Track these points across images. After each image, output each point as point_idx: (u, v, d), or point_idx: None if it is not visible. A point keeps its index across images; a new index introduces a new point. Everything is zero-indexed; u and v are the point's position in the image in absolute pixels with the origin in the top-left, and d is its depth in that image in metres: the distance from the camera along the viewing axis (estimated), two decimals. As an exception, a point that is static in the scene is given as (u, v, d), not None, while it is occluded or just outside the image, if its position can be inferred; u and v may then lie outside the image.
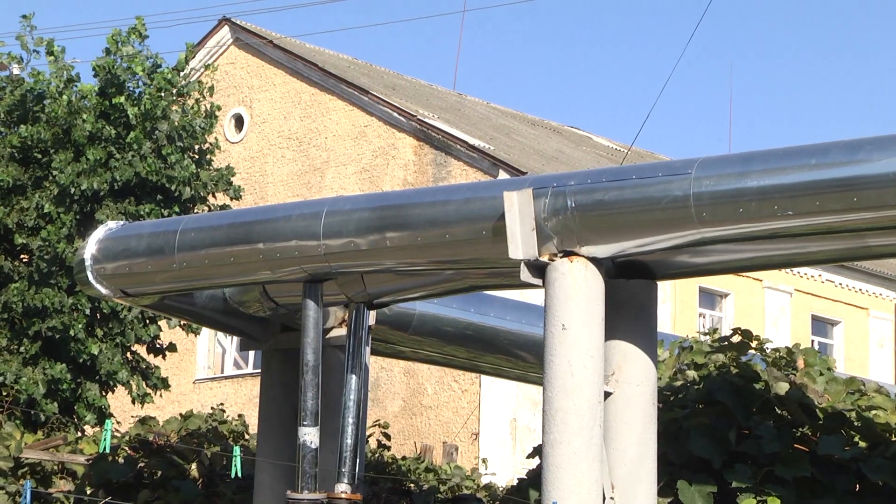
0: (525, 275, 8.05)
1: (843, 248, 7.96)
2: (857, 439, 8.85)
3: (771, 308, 33.94)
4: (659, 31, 76.97)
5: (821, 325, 35.06)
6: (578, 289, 7.89)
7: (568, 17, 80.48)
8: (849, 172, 7.36)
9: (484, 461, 22.06)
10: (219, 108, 18.30)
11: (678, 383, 9.53)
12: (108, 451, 11.05)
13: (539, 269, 8.03)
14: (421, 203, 8.72)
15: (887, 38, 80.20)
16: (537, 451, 8.34)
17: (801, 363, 9.72)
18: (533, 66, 79.00)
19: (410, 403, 29.01)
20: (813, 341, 34.51)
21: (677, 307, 31.90)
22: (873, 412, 9.02)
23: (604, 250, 7.99)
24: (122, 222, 10.21)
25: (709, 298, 33.12)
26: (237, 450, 9.62)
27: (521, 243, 7.99)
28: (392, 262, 8.80)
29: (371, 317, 9.39)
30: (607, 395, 8.00)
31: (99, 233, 9.68)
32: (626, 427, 8.03)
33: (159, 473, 12.03)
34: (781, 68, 79.10)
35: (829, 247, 7.93)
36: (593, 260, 7.97)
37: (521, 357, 10.97)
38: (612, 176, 8.13)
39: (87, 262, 9.56)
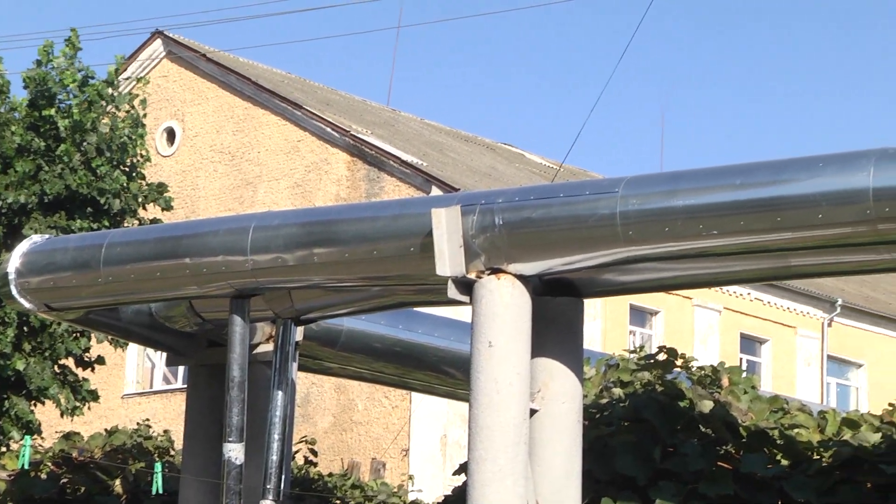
0: (452, 292, 8.06)
1: (766, 268, 8.03)
2: (779, 457, 8.92)
3: (700, 326, 34.17)
4: (593, 48, 77.44)
5: (749, 343, 35.33)
6: (505, 306, 7.91)
7: (503, 35, 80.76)
8: (773, 193, 7.43)
9: (411, 478, 22.04)
10: (144, 117, 18.19)
11: (604, 401, 9.57)
12: (27, 466, 10.95)
13: (466, 286, 8.04)
14: (350, 219, 8.72)
15: (815, 58, 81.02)
16: (463, 468, 8.33)
17: (725, 381, 9.79)
18: (467, 83, 79.18)
19: (341, 419, 28.95)
20: (741, 359, 34.77)
21: (608, 324, 32.04)
22: (796, 430, 9.09)
23: (531, 268, 8.02)
24: (47, 236, 10.13)
25: (639, 316, 33.31)
26: (159, 466, 9.56)
27: (448, 260, 8.00)
28: (320, 278, 8.79)
29: (298, 332, 9.37)
30: (533, 412, 8.02)
31: (23, 246, 9.61)
32: (551, 444, 8.05)
33: (83, 489, 11.93)
34: (713, 87, 79.74)
35: (753, 266, 7.99)
36: (520, 277, 7.99)
37: (450, 374, 10.99)
38: (540, 194, 8.16)
39: (11, 276, 9.48)
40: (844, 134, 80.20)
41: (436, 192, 28.32)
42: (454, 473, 9.68)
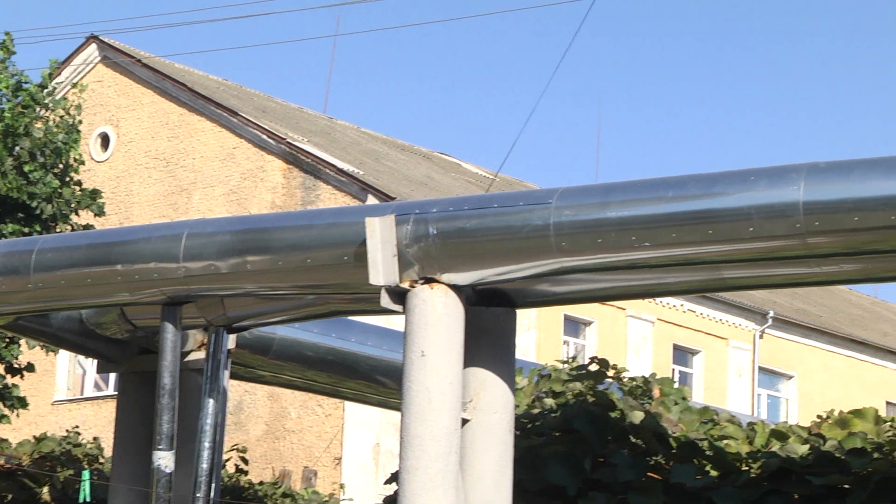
0: (385, 301, 8.06)
1: (699, 280, 8.07)
2: (708, 468, 8.97)
3: (633, 336, 34.33)
4: (529, 59, 77.67)
5: (682, 354, 35.54)
6: (438, 316, 7.92)
7: (440, 44, 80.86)
8: (705, 205, 7.47)
9: (342, 486, 21.99)
10: (80, 123, 18.06)
11: (536, 411, 9.60)
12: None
13: (400, 296, 8.04)
14: (283, 227, 8.70)
15: (747, 71, 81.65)
16: (395, 477, 8.33)
17: (656, 392, 9.84)
18: (404, 93, 79.20)
19: (274, 427, 28.84)
20: (674, 370, 34.96)
21: (542, 334, 32.12)
22: (725, 442, 9.15)
23: (464, 278, 8.03)
24: (-25, 241, 10.04)
25: (573, 326, 33.41)
26: (87, 473, 9.50)
27: (381, 269, 8.00)
28: (253, 286, 8.76)
29: (231, 340, 9.34)
30: (465, 422, 8.02)
31: (-49, 251, 9.50)
32: (482, 454, 8.06)
33: (10, 497, 11.82)
34: (649, 99, 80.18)
35: (685, 278, 8.03)
36: (454, 287, 8.00)
37: (382, 383, 10.98)
38: (474, 204, 8.17)
39: (-61, 282, 9.37)
40: (776, 147, 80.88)
41: (372, 200, 28.31)
42: (385, 482, 9.68)
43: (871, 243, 7.22)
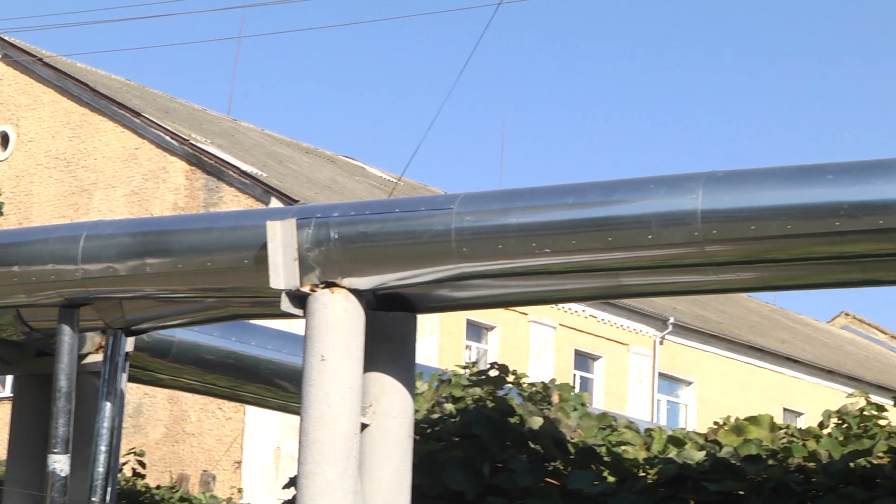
0: (286, 305, 8.03)
1: (598, 287, 8.12)
2: (606, 474, 9.03)
3: (535, 342, 34.49)
4: (435, 63, 77.79)
5: (583, 360, 35.77)
6: (338, 320, 7.90)
7: (345, 47, 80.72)
8: (604, 213, 7.51)
9: (240, 491, 21.88)
10: None
11: (435, 416, 9.60)
12: None
13: (300, 300, 8.01)
14: (183, 230, 8.63)
15: (655, 76, 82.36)
16: (293, 482, 8.30)
17: (556, 398, 9.88)
18: (309, 95, 78.97)
19: (173, 430, 28.63)
20: (575, 375, 35.18)
21: (444, 339, 32.18)
22: (623, 448, 9.21)
23: (365, 282, 8.01)
24: None
25: (475, 331, 33.50)
26: (-21, 477, 9.35)
27: (282, 273, 7.97)
28: (152, 289, 8.69)
29: (129, 343, 9.25)
30: (364, 426, 8.01)
31: None
32: (382, 459, 8.05)
33: None
34: (554, 104, 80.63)
35: (585, 285, 8.07)
36: (354, 292, 7.98)
37: (283, 387, 10.94)
38: (375, 209, 8.16)
39: None
40: (678, 154, 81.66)
41: (275, 203, 28.20)
42: (284, 487, 9.63)
43: (768, 252, 7.30)
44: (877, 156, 7.09)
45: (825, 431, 9.13)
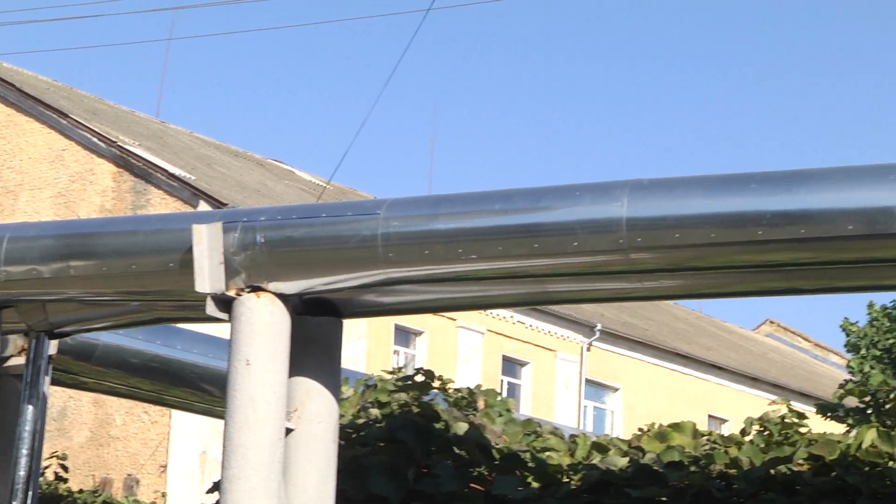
0: (211, 308, 8.00)
1: (524, 293, 8.15)
2: (530, 480, 9.07)
3: (463, 347, 34.53)
4: (365, 67, 77.74)
5: (511, 366, 35.86)
6: (264, 324, 7.88)
7: (275, 50, 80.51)
8: (531, 219, 7.53)
9: (164, 495, 21.76)
10: None
11: (361, 421, 9.60)
12: None
13: (226, 304, 7.99)
14: (109, 232, 8.59)
15: (584, 83, 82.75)
16: (217, 487, 8.27)
17: (481, 404, 9.91)
18: (238, 98, 78.68)
19: (98, 434, 28.41)
20: (503, 381, 35.27)
21: (372, 343, 32.15)
22: (547, 453, 9.25)
23: (291, 287, 8.00)
24: None
25: (403, 336, 33.50)
26: None
27: (208, 277, 7.94)
28: (76, 292, 8.63)
29: (52, 346, 9.19)
30: (289, 431, 8.00)
31: None
32: (306, 464, 8.04)
33: None
34: (484, 108, 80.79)
35: (511, 291, 8.10)
36: (280, 296, 7.97)
37: (208, 391, 10.89)
38: (302, 213, 8.15)
39: None
40: (605, 160, 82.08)
41: (203, 206, 28.08)
42: (207, 492, 9.61)
43: (692, 260, 7.35)
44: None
45: (747, 438, 9.22)
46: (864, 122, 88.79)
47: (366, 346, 32.01)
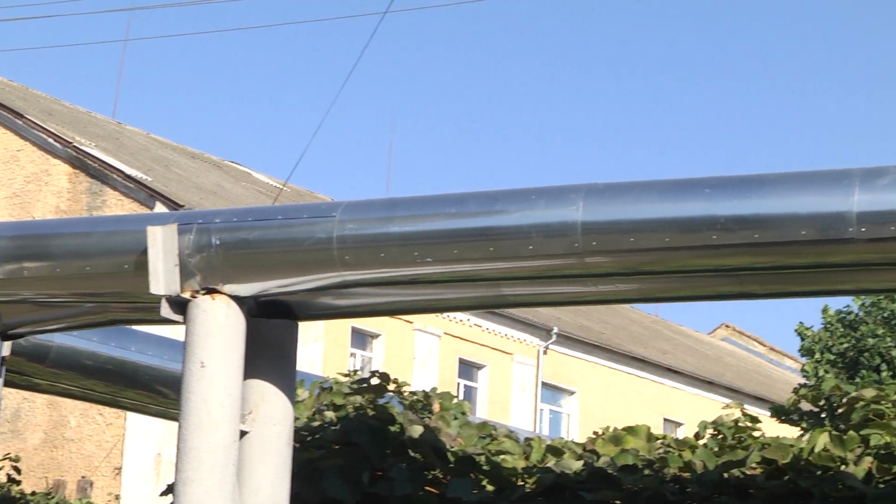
0: (165, 310, 7.97)
1: (479, 296, 8.16)
2: (485, 483, 9.08)
3: (420, 350, 34.53)
4: (323, 68, 77.64)
5: (467, 369, 35.88)
6: (219, 327, 7.86)
7: (231, 52, 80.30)
8: (485, 223, 7.54)
9: (117, 497, 21.66)
10: None
11: (316, 424, 9.59)
12: None
13: (180, 306, 7.97)
14: (63, 234, 8.55)
15: (542, 88, 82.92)
16: (171, 489, 8.24)
17: (436, 407, 9.92)
18: (195, 100, 78.44)
19: (52, 436, 28.26)
20: (459, 384, 35.28)
21: (329, 346, 32.11)
22: (502, 457, 9.27)
23: (247, 289, 7.98)
24: None
25: (360, 338, 33.47)
26: None
27: (162, 279, 7.92)
28: (30, 293, 8.59)
29: (5, 348, 9.13)
30: (244, 434, 7.98)
31: None
32: (261, 466, 8.03)
33: None
34: (442, 111, 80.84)
35: (467, 294, 8.11)
36: (235, 298, 7.95)
37: (163, 393, 10.85)
38: (258, 215, 8.15)
39: None
40: (562, 165, 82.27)
41: (160, 208, 27.99)
42: (161, 494, 9.57)
43: (646, 264, 7.38)
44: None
45: (701, 442, 9.26)
46: (822, 128, 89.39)
47: (322, 348, 31.96)
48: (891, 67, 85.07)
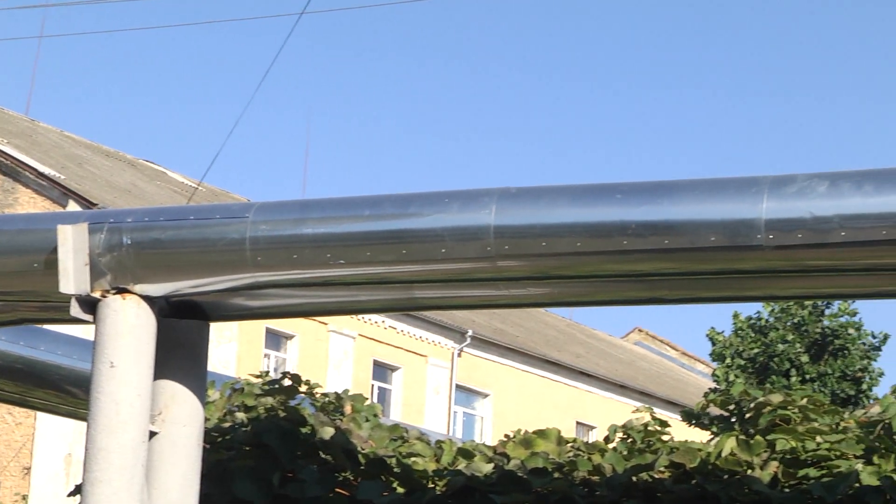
0: (75, 310, 7.92)
1: (392, 299, 8.17)
2: (395, 485, 9.09)
3: (335, 351, 34.51)
4: (240, 68, 77.29)
5: (382, 371, 35.90)
6: (129, 327, 7.82)
7: (147, 50, 79.73)
8: (399, 225, 7.56)
9: (24, 497, 21.45)
10: None
11: (227, 425, 9.55)
12: None
13: (90, 305, 7.92)
14: (-28, 232, 8.45)
15: (460, 90, 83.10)
16: (79, 490, 8.18)
17: (348, 409, 9.91)
18: (110, 98, 77.82)
19: (-40, 436, 27.94)
20: (374, 386, 35.29)
21: (243, 347, 32.00)
22: (413, 459, 9.28)
23: (158, 289, 7.95)
24: None
25: (274, 339, 33.39)
26: None
27: (72, 278, 7.87)
28: (-63, 291, 8.48)
29: (-89, 346, 9.02)
30: (153, 434, 7.95)
31: None
32: (170, 467, 7.99)
33: None
34: (358, 112, 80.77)
35: (380, 296, 8.13)
36: (146, 298, 7.91)
37: (72, 393, 10.75)
38: (170, 215, 8.11)
39: None
40: (476, 168, 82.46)
41: (73, 206, 27.78)
42: (69, 495, 9.50)
43: (558, 268, 7.42)
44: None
45: (610, 446, 9.33)
46: (748, 139, 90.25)
47: (236, 349, 31.85)
48: (863, 71, 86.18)
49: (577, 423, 40.38)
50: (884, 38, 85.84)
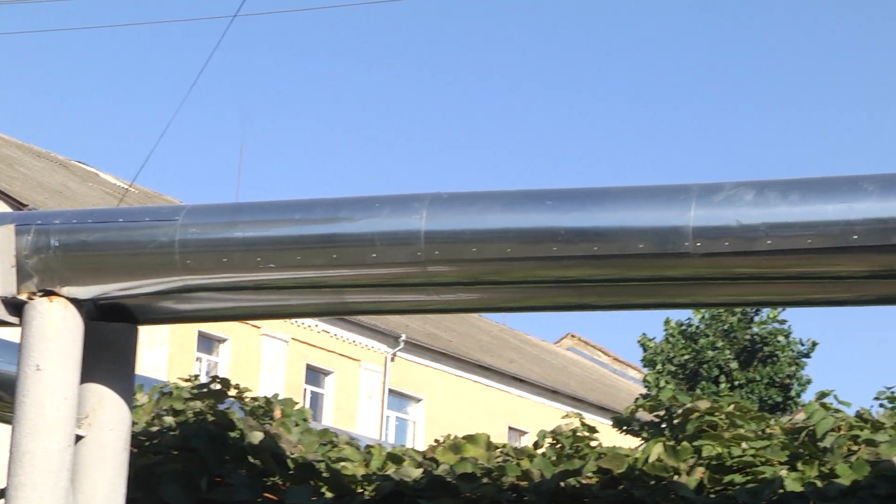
0: (1, 312, 7.87)
1: (323, 303, 8.16)
2: (324, 490, 9.07)
3: (267, 355, 34.40)
4: (173, 68, 76.95)
5: (314, 375, 35.82)
6: (56, 329, 7.77)
7: (79, 50, 79.21)
8: (330, 230, 7.55)
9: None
10: None
11: (155, 429, 9.50)
12: None
13: (17, 308, 7.87)
14: None
15: (396, 94, 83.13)
16: (2, 493, 8.12)
17: (278, 413, 9.89)
18: (41, 98, 77.23)
19: None
20: (306, 390, 35.21)
21: (175, 350, 31.83)
22: (342, 464, 9.27)
23: (85, 292, 7.90)
24: None
25: (207, 343, 33.24)
26: None
27: (-2, 280, 7.81)
28: None
29: None
30: (79, 438, 7.89)
31: None
32: (96, 472, 7.94)
33: None
34: (293, 115, 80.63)
35: (309, 301, 8.11)
36: (74, 301, 7.86)
37: (-1, 396, 10.65)
38: (98, 217, 8.08)
39: None
40: (408, 174, 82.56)
41: (3, 207, 27.54)
42: (-8, 500, 9.39)
43: (488, 274, 7.44)
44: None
45: (539, 451, 9.35)
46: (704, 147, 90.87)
47: (168, 352, 31.67)
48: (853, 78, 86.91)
49: (510, 428, 40.47)
50: (860, 43, 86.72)
